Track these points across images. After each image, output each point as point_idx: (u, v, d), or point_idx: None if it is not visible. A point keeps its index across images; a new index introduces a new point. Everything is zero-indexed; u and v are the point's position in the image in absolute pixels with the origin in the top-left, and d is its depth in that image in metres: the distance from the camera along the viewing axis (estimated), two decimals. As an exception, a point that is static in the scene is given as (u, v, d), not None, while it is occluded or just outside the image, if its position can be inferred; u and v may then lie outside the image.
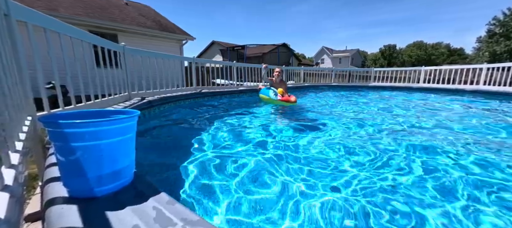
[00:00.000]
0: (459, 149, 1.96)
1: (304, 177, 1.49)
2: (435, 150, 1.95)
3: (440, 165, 1.65)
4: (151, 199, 0.73)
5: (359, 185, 1.37)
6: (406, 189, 1.35)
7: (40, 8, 6.04)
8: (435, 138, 2.31)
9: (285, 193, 1.29)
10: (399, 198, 1.25)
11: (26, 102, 1.34)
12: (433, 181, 1.43)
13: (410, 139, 2.28)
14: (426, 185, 1.39)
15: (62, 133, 0.70)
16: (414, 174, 1.53)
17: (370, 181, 1.43)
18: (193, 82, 5.15)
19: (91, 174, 0.73)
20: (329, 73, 10.15)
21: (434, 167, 1.62)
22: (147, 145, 2.13)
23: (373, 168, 1.62)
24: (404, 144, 2.10)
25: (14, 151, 0.88)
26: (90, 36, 2.31)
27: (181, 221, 0.62)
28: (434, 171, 1.56)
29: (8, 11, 1.25)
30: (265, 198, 1.25)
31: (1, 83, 0.87)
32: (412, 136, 2.39)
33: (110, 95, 2.70)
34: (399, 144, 2.12)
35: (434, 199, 1.24)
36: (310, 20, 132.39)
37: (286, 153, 1.88)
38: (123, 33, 8.06)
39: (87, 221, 0.61)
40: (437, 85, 7.38)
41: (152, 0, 30.64)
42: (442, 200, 1.23)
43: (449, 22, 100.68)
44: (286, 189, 1.34)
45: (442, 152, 1.91)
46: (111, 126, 0.76)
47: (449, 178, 1.46)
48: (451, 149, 1.95)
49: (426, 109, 4.14)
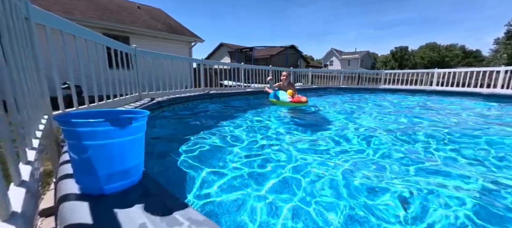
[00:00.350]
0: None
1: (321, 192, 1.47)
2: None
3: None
4: (159, 198, 0.75)
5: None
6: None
7: (57, 12, 6.32)
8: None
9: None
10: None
11: (43, 102, 1.41)
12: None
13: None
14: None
15: (75, 132, 0.73)
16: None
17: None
18: (201, 83, 5.22)
19: (102, 172, 0.76)
20: (338, 75, 10.02)
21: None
22: (154, 144, 2.17)
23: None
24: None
25: (31, 148, 0.92)
26: (104, 39, 2.39)
27: (187, 221, 0.62)
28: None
29: (28, 15, 1.32)
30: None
31: (21, 84, 0.92)
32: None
33: (121, 96, 2.78)
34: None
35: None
36: (318, 22, 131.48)
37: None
38: (135, 36, 8.30)
39: (97, 218, 0.63)
40: (450, 88, 7.13)
41: (163, 3, 31.39)
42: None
43: (464, 22, 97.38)
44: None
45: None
46: (122, 126, 0.78)
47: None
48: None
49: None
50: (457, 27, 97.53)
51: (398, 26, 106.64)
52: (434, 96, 6.68)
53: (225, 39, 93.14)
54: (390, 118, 3.55)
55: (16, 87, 0.84)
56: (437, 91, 7.21)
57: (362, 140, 2.32)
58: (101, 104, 2.21)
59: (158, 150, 2.04)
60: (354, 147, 2.12)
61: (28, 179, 0.70)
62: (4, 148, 0.60)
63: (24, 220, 0.54)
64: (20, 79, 0.93)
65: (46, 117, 1.38)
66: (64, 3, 7.43)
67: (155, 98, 3.58)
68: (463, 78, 7.02)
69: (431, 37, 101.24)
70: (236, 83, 6.54)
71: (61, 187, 0.79)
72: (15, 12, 1.06)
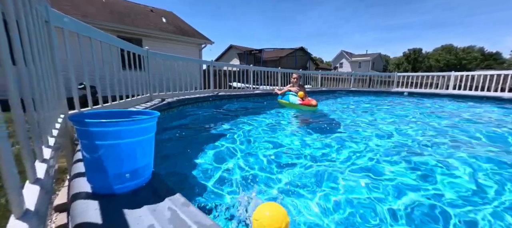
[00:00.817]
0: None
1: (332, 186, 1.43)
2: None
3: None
4: (167, 199, 0.75)
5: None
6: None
7: (75, 15, 6.60)
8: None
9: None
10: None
11: (60, 102, 1.46)
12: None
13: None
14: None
15: (88, 131, 0.74)
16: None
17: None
18: (210, 85, 5.28)
19: (112, 172, 0.77)
20: (348, 77, 9.83)
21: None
22: (164, 144, 2.20)
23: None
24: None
25: (47, 147, 0.95)
26: (118, 41, 2.47)
27: (194, 224, 0.62)
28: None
29: (48, 18, 1.37)
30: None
31: (39, 85, 0.95)
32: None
33: (133, 96, 2.85)
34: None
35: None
36: (328, 24, 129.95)
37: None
38: (147, 38, 8.54)
39: (106, 218, 0.63)
40: (468, 92, 6.80)
41: (174, 5, 32.05)
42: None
43: (483, 24, 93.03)
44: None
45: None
46: (132, 126, 0.79)
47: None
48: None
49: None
50: (475, 29, 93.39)
51: (412, 28, 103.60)
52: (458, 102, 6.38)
53: (234, 41, 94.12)
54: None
55: (34, 88, 0.87)
56: (453, 94, 6.90)
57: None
58: (114, 104, 2.27)
59: (167, 151, 2.06)
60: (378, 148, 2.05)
61: (43, 177, 0.72)
62: (21, 146, 0.62)
63: (37, 217, 0.55)
64: (39, 80, 0.97)
65: (62, 116, 1.43)
66: (82, 7, 7.76)
67: (165, 98, 3.64)
68: (483, 81, 6.68)
69: (446, 39, 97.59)
70: (245, 85, 6.56)
71: (74, 185, 0.81)
72: (36, 16, 1.11)
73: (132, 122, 0.81)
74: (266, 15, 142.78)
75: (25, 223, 0.51)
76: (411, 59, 44.48)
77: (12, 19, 0.71)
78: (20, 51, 0.75)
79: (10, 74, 0.59)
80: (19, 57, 0.74)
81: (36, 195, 0.61)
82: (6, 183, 0.49)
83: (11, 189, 0.50)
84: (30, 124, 0.77)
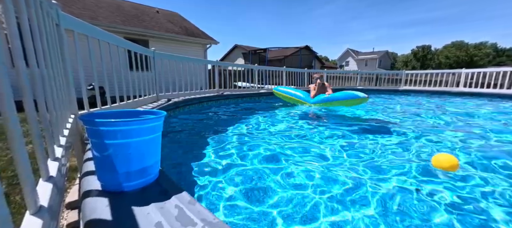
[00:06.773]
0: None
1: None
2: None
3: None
4: (174, 197, 0.76)
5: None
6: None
7: (84, 18, 6.77)
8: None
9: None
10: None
11: (70, 102, 1.50)
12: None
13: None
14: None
15: (98, 131, 0.76)
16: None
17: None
18: (215, 85, 5.31)
19: (122, 170, 0.79)
20: (354, 76, 9.69)
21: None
22: (170, 144, 2.23)
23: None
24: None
25: (59, 146, 0.98)
26: (126, 42, 2.52)
27: (201, 221, 0.63)
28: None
29: (58, 21, 1.42)
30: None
31: (51, 86, 0.98)
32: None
33: (140, 96, 2.91)
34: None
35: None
36: (334, 22, 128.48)
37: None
38: (154, 39, 8.66)
39: (116, 216, 0.65)
40: (480, 90, 6.60)
41: (180, 6, 32.31)
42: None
43: (496, 18, 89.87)
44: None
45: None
46: (141, 126, 0.81)
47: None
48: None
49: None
50: (487, 24, 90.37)
51: (421, 24, 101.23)
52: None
53: (239, 41, 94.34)
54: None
55: (46, 89, 0.90)
56: (464, 92, 6.71)
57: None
58: (122, 105, 2.32)
59: (174, 150, 2.09)
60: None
61: (55, 175, 0.74)
62: (34, 145, 0.65)
63: (50, 213, 0.57)
64: (51, 81, 1.00)
65: (73, 116, 1.48)
66: (91, 10, 7.95)
67: (171, 98, 3.69)
68: (495, 78, 6.47)
69: (457, 35, 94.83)
70: (249, 85, 6.57)
71: (84, 183, 0.84)
72: (48, 19, 1.15)
73: (141, 121, 0.83)
74: (271, 13, 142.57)
75: (39, 219, 0.53)
76: (419, 56, 43.49)
77: (25, 23, 0.74)
78: (33, 53, 0.77)
79: (24, 76, 0.61)
80: (31, 60, 0.76)
81: (49, 192, 0.63)
82: (22, 180, 0.51)
83: (27, 186, 0.52)
84: (43, 124, 0.79)
